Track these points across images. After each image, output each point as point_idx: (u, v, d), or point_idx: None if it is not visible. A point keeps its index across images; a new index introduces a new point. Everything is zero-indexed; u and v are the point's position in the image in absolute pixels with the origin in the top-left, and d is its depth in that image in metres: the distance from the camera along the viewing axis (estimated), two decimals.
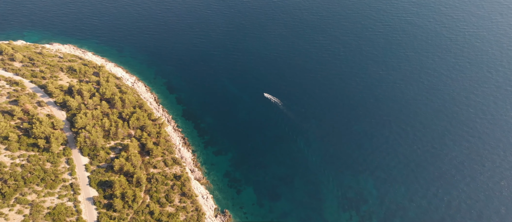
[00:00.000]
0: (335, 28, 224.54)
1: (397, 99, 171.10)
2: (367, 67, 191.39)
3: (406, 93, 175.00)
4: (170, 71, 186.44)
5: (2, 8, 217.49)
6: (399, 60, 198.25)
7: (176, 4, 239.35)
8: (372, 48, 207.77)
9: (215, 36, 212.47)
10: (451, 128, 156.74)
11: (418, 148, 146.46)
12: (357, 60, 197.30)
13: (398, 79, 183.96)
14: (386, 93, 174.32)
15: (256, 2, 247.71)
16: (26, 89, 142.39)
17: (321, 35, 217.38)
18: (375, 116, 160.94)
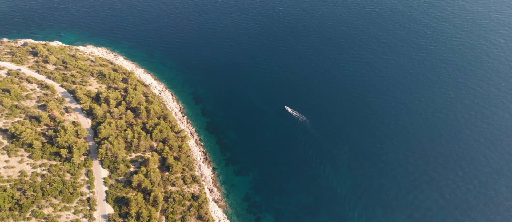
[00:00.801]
0: (375, 45, 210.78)
1: (443, 132, 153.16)
2: (409, 92, 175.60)
3: (454, 126, 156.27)
4: (198, 80, 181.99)
5: (43, 8, 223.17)
6: (447, 87, 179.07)
7: (209, 12, 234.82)
8: (416, 70, 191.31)
9: (246, 46, 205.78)
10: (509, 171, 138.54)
11: (466, 191, 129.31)
12: (399, 83, 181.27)
13: (446, 109, 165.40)
14: (430, 123, 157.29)
15: (291, 12, 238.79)
16: (56, 94, 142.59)
17: (359, 51, 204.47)
18: (415, 148, 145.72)
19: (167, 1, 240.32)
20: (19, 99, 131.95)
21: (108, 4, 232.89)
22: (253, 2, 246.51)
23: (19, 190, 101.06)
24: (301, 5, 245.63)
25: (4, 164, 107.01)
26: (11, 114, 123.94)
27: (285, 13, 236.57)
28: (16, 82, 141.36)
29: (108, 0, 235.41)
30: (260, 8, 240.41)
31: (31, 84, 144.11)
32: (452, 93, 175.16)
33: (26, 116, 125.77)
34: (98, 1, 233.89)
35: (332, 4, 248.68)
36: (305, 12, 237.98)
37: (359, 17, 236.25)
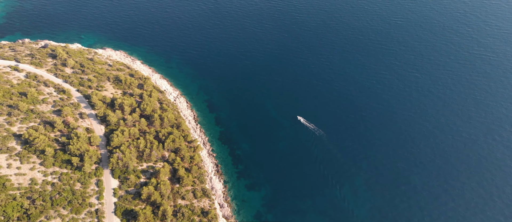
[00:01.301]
0: (401, 61, 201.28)
1: (480, 159, 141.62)
2: (440, 109, 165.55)
3: (493, 153, 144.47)
4: (213, 88, 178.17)
5: (66, 9, 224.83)
6: (487, 109, 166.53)
7: (227, 21, 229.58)
8: (452, 88, 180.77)
9: (263, 55, 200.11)
10: None
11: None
12: (427, 101, 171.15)
13: (484, 133, 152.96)
14: (466, 147, 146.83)
15: (311, 23, 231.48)
16: (72, 98, 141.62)
17: (383, 67, 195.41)
18: (445, 172, 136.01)
19: (186, 9, 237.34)
20: (35, 103, 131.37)
21: (129, 9, 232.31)
22: (272, 12, 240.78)
23: (29, 199, 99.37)
24: (322, 16, 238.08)
25: (16, 170, 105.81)
26: (26, 119, 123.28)
27: (305, 24, 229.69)
28: (34, 86, 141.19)
29: (129, 5, 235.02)
30: (279, 18, 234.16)
31: (48, 87, 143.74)
32: (486, 116, 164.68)
33: (41, 121, 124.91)
34: (119, 5, 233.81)
35: (354, 16, 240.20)
36: (325, 24, 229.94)
37: (382, 30, 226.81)
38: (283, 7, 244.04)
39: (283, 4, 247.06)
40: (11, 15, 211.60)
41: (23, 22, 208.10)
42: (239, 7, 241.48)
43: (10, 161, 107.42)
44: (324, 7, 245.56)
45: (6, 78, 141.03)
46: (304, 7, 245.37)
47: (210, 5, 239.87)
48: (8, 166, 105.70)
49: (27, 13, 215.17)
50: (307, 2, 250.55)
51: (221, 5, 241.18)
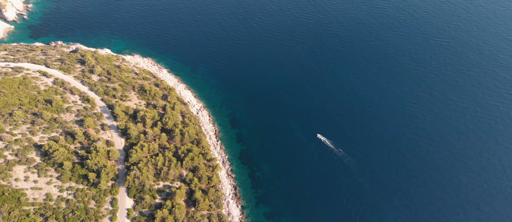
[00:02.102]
0: (441, 85, 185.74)
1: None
2: (492, 146, 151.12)
3: None
4: (237, 101, 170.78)
5: (100, 13, 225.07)
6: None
7: (256, 32, 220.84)
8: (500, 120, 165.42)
9: (291, 70, 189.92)
10: None
11: None
12: (480, 137, 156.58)
13: None
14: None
15: (343, 38, 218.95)
16: (95, 108, 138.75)
17: (423, 89, 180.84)
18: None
19: (216, 19, 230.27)
20: (59, 112, 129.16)
21: (161, 16, 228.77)
22: (305, 25, 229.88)
23: (42, 216, 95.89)
24: (357, 31, 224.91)
25: (32, 184, 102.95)
26: (49, 128, 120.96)
27: (338, 38, 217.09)
28: (60, 93, 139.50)
29: (161, 13, 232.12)
30: (312, 32, 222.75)
31: (74, 95, 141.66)
32: None
33: (62, 132, 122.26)
34: (151, 12, 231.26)
35: (393, 32, 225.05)
36: (361, 39, 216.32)
37: (425, 50, 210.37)
38: (316, 20, 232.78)
39: (316, 17, 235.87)
40: (47, 16, 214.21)
41: (58, 23, 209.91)
42: (270, 19, 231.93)
43: (28, 174, 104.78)
44: (360, 21, 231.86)
45: (34, 84, 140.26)
46: (338, 21, 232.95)
47: (240, 16, 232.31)
48: (25, 179, 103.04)
49: (62, 15, 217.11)
50: (342, 16, 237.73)
51: (252, 17, 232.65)
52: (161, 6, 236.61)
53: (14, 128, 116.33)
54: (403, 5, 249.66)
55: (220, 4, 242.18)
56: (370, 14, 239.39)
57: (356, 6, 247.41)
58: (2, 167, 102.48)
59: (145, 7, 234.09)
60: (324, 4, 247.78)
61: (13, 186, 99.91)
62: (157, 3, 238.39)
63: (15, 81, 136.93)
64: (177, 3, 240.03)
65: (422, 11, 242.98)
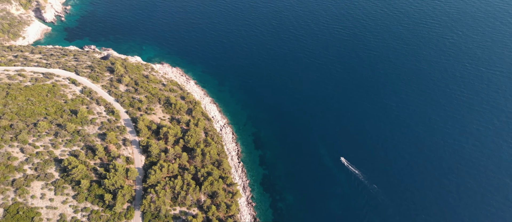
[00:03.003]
0: (489, 108, 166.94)
1: None
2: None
3: None
4: (263, 119, 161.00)
5: (134, 18, 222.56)
6: None
7: (290, 45, 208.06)
8: None
9: (325, 88, 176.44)
10: None
11: None
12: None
13: None
14: None
15: (383, 54, 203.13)
16: (119, 121, 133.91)
17: (471, 114, 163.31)
18: None
19: (247, 31, 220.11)
20: (83, 124, 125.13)
21: (193, 25, 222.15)
22: (340, 40, 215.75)
23: None
24: (397, 46, 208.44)
25: (48, 202, 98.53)
26: (71, 142, 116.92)
27: (377, 58, 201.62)
28: (86, 103, 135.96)
29: (193, 22, 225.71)
30: (347, 49, 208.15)
31: (99, 106, 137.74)
32: None
33: (84, 145, 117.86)
34: (184, 21, 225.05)
35: (440, 55, 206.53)
36: (404, 61, 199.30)
37: (475, 77, 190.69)
38: (352, 35, 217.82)
39: (352, 32, 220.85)
40: (83, 19, 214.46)
41: (93, 27, 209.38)
42: (303, 33, 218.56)
43: (45, 190, 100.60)
44: (402, 37, 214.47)
45: (62, 92, 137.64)
46: (378, 39, 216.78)
47: (273, 29, 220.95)
48: (41, 197, 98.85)
49: (97, 19, 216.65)
50: (383, 33, 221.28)
51: (284, 30, 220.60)
52: (194, 15, 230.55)
53: (37, 140, 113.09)
54: (452, 23, 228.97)
55: (253, 16, 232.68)
56: (416, 32, 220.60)
57: (400, 24, 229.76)
58: (20, 182, 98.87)
59: (178, 15, 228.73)
60: (363, 19, 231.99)
61: (28, 204, 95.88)
62: (190, 12, 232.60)
63: (44, 88, 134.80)
64: (210, 13, 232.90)
65: (475, 34, 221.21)
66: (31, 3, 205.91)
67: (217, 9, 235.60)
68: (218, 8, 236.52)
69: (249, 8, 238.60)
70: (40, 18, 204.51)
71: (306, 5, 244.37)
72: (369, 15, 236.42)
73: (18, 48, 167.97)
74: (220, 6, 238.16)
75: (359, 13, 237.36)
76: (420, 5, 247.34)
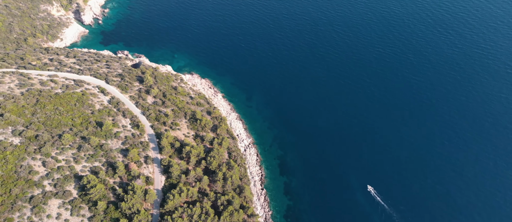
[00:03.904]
0: None
1: None
2: None
3: None
4: (290, 142, 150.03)
5: (169, 24, 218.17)
6: None
7: (329, 62, 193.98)
8: None
9: (365, 111, 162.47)
10: None
11: None
12: None
13: None
14: None
15: (429, 75, 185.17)
16: (143, 136, 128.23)
17: None
18: None
19: (283, 43, 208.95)
20: (107, 138, 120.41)
21: (226, 34, 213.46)
22: (382, 59, 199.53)
23: None
24: (447, 73, 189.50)
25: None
26: (93, 157, 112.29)
27: (422, 80, 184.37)
28: (113, 115, 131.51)
29: (226, 31, 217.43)
30: (390, 68, 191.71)
31: (125, 119, 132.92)
32: None
33: (105, 162, 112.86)
34: (217, 30, 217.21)
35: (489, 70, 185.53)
36: (450, 83, 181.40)
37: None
38: (395, 54, 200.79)
39: (394, 50, 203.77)
40: (119, 23, 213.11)
41: (128, 32, 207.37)
42: (343, 49, 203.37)
43: (61, 210, 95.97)
44: (454, 60, 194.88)
45: (90, 101, 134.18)
46: (422, 59, 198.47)
47: (308, 43, 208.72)
48: (57, 217, 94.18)
49: (133, 23, 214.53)
50: (430, 52, 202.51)
51: (321, 46, 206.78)
52: (228, 25, 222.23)
53: (60, 153, 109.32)
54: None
55: (288, 29, 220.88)
56: (472, 56, 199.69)
57: (453, 45, 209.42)
58: (38, 199, 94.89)
59: (213, 25, 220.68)
60: (407, 37, 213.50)
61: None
62: (224, 22, 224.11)
63: (73, 97, 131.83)
64: (244, 24, 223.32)
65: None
66: (71, 4, 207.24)
67: (252, 21, 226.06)
68: (253, 20, 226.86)
69: (284, 21, 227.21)
70: (78, 20, 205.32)
71: (344, 20, 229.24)
72: (415, 33, 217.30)
73: (54, 51, 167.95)
74: (255, 18, 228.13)
75: (403, 32, 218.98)
76: (476, 27, 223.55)
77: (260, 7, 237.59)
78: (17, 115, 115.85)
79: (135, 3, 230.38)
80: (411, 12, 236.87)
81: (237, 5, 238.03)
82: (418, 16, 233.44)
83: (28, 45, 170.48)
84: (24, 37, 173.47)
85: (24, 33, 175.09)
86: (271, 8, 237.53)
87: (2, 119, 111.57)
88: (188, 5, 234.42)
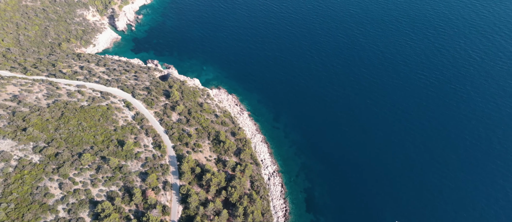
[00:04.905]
0: None
1: None
2: None
3: None
4: (319, 172, 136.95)
5: (201, 33, 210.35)
6: None
7: (369, 85, 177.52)
8: None
9: (404, 140, 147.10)
10: None
11: None
12: None
13: None
14: None
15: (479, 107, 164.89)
16: (164, 158, 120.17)
17: None
18: None
19: (318, 60, 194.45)
20: (127, 159, 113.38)
21: (258, 48, 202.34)
22: (427, 83, 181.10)
23: None
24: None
25: None
26: (111, 180, 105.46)
27: (472, 108, 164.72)
28: (135, 132, 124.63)
29: (258, 44, 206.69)
30: (435, 94, 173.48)
31: (148, 137, 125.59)
32: None
33: (122, 186, 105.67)
34: (249, 42, 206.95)
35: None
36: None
37: None
38: (442, 78, 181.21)
39: (442, 73, 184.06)
40: (152, 30, 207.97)
41: (159, 40, 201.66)
42: (385, 68, 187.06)
43: None
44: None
45: (115, 117, 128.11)
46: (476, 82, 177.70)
47: (345, 60, 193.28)
48: None
49: (165, 31, 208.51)
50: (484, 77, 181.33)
51: (360, 65, 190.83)
52: (261, 38, 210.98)
53: (78, 174, 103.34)
54: None
55: (324, 44, 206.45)
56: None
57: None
58: None
59: (245, 37, 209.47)
60: (453, 60, 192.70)
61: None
62: (257, 35, 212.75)
63: (98, 111, 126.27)
64: (277, 37, 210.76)
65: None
66: (106, 10, 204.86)
67: (285, 35, 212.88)
68: (286, 34, 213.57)
69: (321, 35, 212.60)
70: (112, 26, 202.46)
71: (388, 38, 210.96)
72: (467, 55, 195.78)
73: (86, 58, 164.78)
74: (289, 33, 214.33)
75: (451, 51, 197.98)
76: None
77: (295, 22, 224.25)
78: (40, 129, 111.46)
79: (169, 10, 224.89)
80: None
81: (270, 18, 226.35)
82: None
83: (62, 50, 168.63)
84: (59, 42, 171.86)
85: (59, 37, 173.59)
86: (306, 23, 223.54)
87: (25, 134, 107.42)
88: (221, 15, 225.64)
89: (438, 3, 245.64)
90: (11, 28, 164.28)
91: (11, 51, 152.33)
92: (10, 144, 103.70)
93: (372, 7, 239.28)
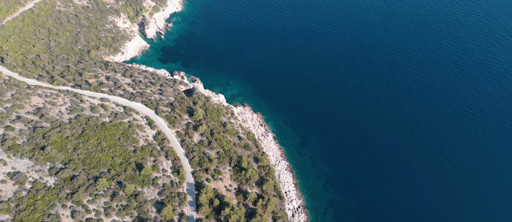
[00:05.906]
0: None
1: None
2: None
3: None
4: (351, 212, 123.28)
5: (229, 45, 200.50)
6: None
7: (415, 109, 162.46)
8: None
9: (452, 180, 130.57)
10: None
11: None
12: None
13: None
14: None
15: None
16: (182, 185, 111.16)
17: None
18: None
19: (355, 79, 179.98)
20: (144, 185, 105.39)
21: (287, 64, 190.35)
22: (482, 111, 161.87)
23: None
24: None
25: None
26: (125, 209, 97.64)
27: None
28: (155, 155, 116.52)
29: (289, 59, 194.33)
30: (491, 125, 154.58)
31: (167, 161, 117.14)
32: None
33: (136, 217, 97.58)
34: (279, 56, 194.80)
35: None
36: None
37: None
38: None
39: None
40: (181, 39, 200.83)
41: (188, 50, 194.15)
42: (431, 91, 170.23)
43: None
44: None
45: (135, 136, 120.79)
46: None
47: (387, 82, 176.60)
48: None
49: (194, 41, 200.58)
50: None
51: (403, 87, 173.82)
52: (292, 52, 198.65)
53: (92, 201, 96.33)
54: None
55: (363, 61, 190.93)
56: None
57: None
58: None
59: (275, 51, 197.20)
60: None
61: None
62: (288, 49, 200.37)
63: (119, 129, 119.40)
64: (309, 54, 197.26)
65: None
66: (137, 17, 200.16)
67: (317, 51, 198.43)
68: (318, 51, 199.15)
69: (359, 51, 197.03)
70: (142, 33, 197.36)
71: (433, 57, 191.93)
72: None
73: (113, 67, 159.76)
74: (321, 50, 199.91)
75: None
76: None
77: (328, 40, 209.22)
78: (58, 148, 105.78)
79: (198, 19, 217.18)
80: None
81: (302, 33, 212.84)
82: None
83: (90, 57, 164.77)
84: (88, 49, 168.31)
85: (89, 44, 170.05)
86: (339, 41, 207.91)
87: (43, 154, 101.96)
88: (251, 28, 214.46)
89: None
90: (43, 33, 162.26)
91: (40, 57, 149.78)
92: (27, 164, 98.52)
93: (415, 31, 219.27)
